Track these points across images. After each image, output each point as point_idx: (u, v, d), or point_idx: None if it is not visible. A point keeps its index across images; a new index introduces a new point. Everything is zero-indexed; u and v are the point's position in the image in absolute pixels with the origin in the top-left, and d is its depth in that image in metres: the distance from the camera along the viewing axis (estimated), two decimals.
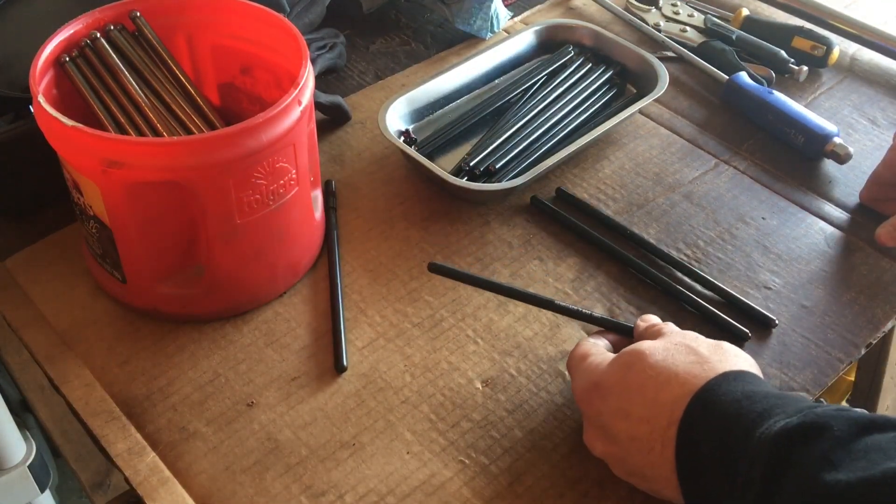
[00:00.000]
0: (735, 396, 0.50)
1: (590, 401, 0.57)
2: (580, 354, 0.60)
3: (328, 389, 0.64)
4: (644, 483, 0.55)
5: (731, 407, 0.50)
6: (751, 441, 0.47)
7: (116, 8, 0.69)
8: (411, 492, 0.58)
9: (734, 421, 0.49)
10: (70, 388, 0.64)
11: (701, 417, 0.51)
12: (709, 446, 0.50)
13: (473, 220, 0.77)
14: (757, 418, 0.48)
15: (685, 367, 0.53)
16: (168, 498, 0.58)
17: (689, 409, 0.51)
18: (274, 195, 0.64)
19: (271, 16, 0.70)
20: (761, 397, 0.50)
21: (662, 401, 0.52)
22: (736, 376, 0.52)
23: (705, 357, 0.54)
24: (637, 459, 0.54)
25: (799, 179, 0.82)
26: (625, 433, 0.54)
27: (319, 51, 0.90)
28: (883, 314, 0.70)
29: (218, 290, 0.67)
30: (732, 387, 0.51)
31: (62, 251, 0.73)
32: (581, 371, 0.59)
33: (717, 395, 0.51)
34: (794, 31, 0.93)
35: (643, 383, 0.54)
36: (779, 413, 0.48)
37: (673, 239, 0.76)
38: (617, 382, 0.55)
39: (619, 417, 0.54)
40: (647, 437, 0.53)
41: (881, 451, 0.43)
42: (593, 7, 1.03)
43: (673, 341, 0.56)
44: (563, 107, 0.85)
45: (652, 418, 0.53)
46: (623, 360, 0.56)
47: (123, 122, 0.67)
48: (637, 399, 0.54)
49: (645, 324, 0.62)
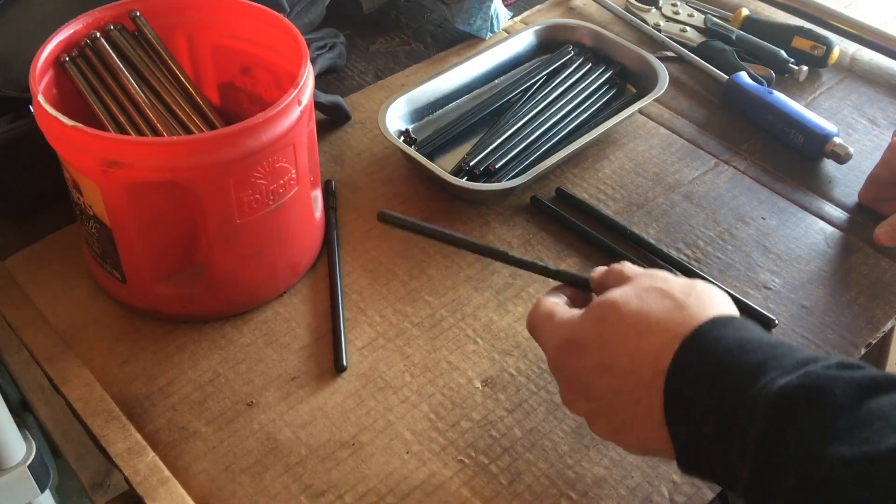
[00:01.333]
0: (727, 345, 0.48)
1: (564, 360, 0.54)
2: (544, 313, 0.56)
3: (328, 389, 0.64)
4: (629, 437, 0.52)
5: (724, 356, 0.47)
6: (746, 397, 0.45)
7: (116, 8, 0.69)
8: (411, 491, 0.58)
9: (727, 372, 0.47)
10: (70, 388, 0.64)
11: (691, 366, 0.48)
12: (701, 396, 0.47)
13: (473, 220, 0.77)
14: (752, 371, 0.46)
15: (663, 313, 0.51)
16: (168, 498, 0.58)
17: (677, 357, 0.49)
18: (274, 195, 0.64)
19: (271, 16, 0.70)
20: (755, 346, 0.47)
21: (645, 350, 0.50)
22: (726, 322, 0.50)
23: (681, 302, 0.51)
24: (622, 413, 0.51)
25: (799, 179, 0.82)
26: (608, 388, 0.51)
27: (319, 51, 0.90)
28: (883, 314, 0.70)
29: (218, 290, 0.67)
30: (723, 333, 0.49)
31: (62, 251, 0.73)
32: (549, 331, 0.56)
33: (708, 342, 0.49)
34: (794, 31, 0.93)
35: (622, 334, 0.51)
36: (776, 368, 0.46)
37: (673, 239, 0.76)
38: (593, 337, 0.52)
39: (600, 372, 0.52)
40: (632, 389, 0.50)
41: (885, 420, 0.41)
42: (593, 7, 1.03)
43: (642, 285, 0.53)
44: (563, 107, 0.85)
45: (636, 370, 0.50)
46: (595, 314, 0.53)
47: (123, 122, 0.67)
48: (618, 351, 0.51)
49: (599, 273, 0.58)
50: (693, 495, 0.59)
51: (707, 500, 0.59)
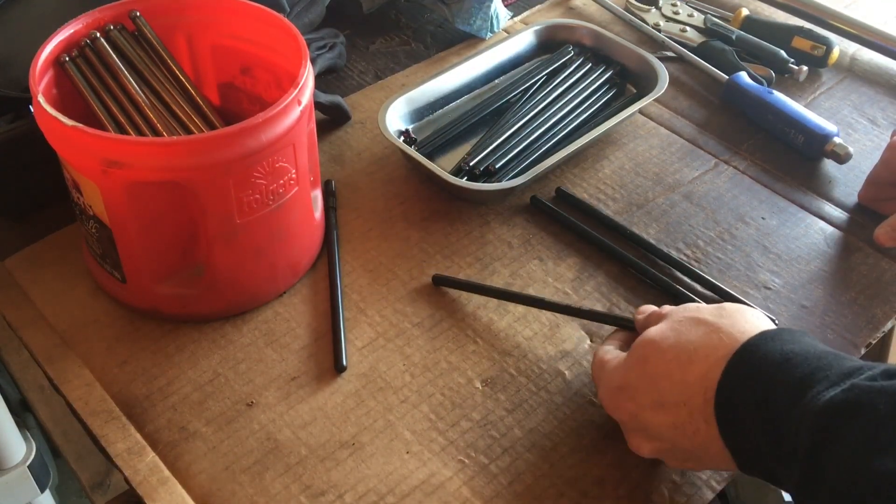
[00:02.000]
0: (773, 359, 0.49)
1: (619, 405, 0.56)
2: (598, 364, 0.59)
3: (328, 389, 0.64)
4: (701, 464, 0.55)
5: (769, 372, 0.49)
6: (795, 411, 0.46)
7: (116, 8, 0.69)
8: (411, 491, 0.58)
9: (774, 388, 0.48)
10: (70, 388, 0.64)
11: (738, 388, 0.50)
12: (750, 415, 0.49)
13: (473, 220, 0.77)
14: (799, 384, 0.47)
15: (701, 339, 0.53)
16: (168, 498, 0.58)
17: (722, 381, 0.50)
18: (274, 195, 0.64)
19: (271, 16, 0.70)
20: (801, 359, 0.48)
21: (692, 380, 0.52)
22: (771, 336, 0.51)
23: (715, 325, 0.53)
24: (686, 445, 0.53)
25: (799, 179, 0.82)
26: (665, 424, 0.53)
27: (319, 51, 0.90)
28: (883, 314, 0.70)
29: (218, 290, 0.67)
30: (769, 347, 0.50)
31: (62, 251, 0.73)
32: (603, 380, 0.58)
33: (752, 360, 0.50)
34: (794, 31, 0.93)
35: (666, 369, 0.53)
36: (821, 380, 0.47)
37: (673, 239, 0.76)
38: (639, 377, 0.55)
39: (654, 411, 0.54)
40: (688, 421, 0.52)
41: None
42: (593, 7, 1.03)
43: (676, 319, 0.55)
44: (563, 107, 0.85)
45: (687, 400, 0.52)
46: (637, 354, 0.56)
47: (123, 122, 0.67)
48: (666, 386, 0.53)
49: (643, 314, 0.61)
50: (693, 495, 0.59)
51: (707, 500, 0.59)
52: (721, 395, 0.50)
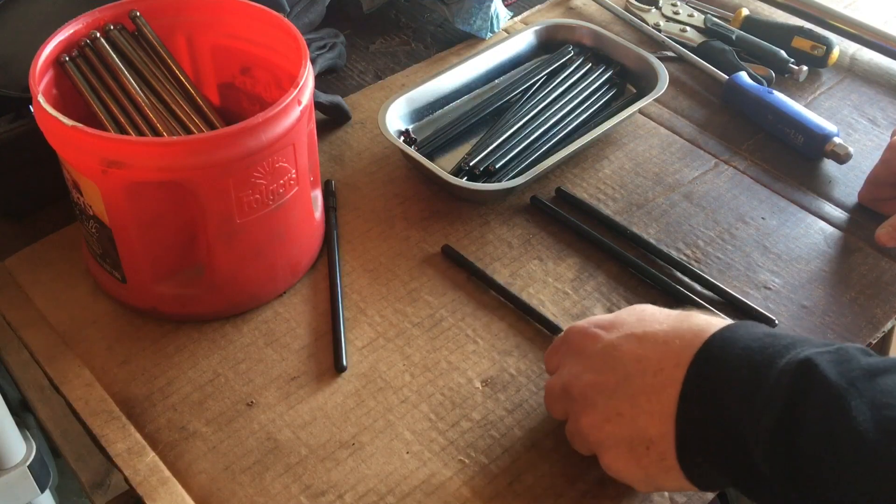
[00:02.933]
0: (757, 335, 0.50)
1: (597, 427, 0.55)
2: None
3: (328, 389, 0.64)
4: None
5: (755, 342, 0.50)
6: (776, 365, 0.47)
7: (116, 8, 0.69)
8: (411, 491, 0.58)
9: (758, 352, 0.49)
10: (70, 388, 0.64)
11: (721, 351, 0.50)
12: (727, 374, 0.49)
13: (473, 220, 0.77)
14: (783, 349, 0.48)
15: (671, 327, 0.53)
16: (168, 498, 0.58)
17: (706, 346, 0.51)
18: (274, 195, 0.64)
19: (271, 16, 0.70)
20: (784, 336, 0.50)
21: (674, 348, 0.52)
22: (751, 324, 0.52)
23: (677, 318, 0.54)
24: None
25: (799, 179, 0.82)
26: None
27: (319, 51, 0.90)
28: (883, 314, 0.70)
29: (218, 290, 0.67)
30: (750, 328, 0.51)
31: (62, 251, 0.73)
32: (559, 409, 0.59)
33: (736, 335, 0.51)
34: (794, 31, 0.93)
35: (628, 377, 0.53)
36: (808, 346, 0.48)
37: (673, 239, 0.76)
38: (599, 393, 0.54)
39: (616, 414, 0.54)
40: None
41: None
42: (593, 7, 1.03)
43: (627, 322, 0.56)
44: (563, 107, 0.85)
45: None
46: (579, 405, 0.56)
47: (123, 122, 0.67)
48: (623, 395, 0.53)
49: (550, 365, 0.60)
50: (693, 495, 0.59)
51: (707, 500, 0.59)
52: (700, 356, 0.51)
